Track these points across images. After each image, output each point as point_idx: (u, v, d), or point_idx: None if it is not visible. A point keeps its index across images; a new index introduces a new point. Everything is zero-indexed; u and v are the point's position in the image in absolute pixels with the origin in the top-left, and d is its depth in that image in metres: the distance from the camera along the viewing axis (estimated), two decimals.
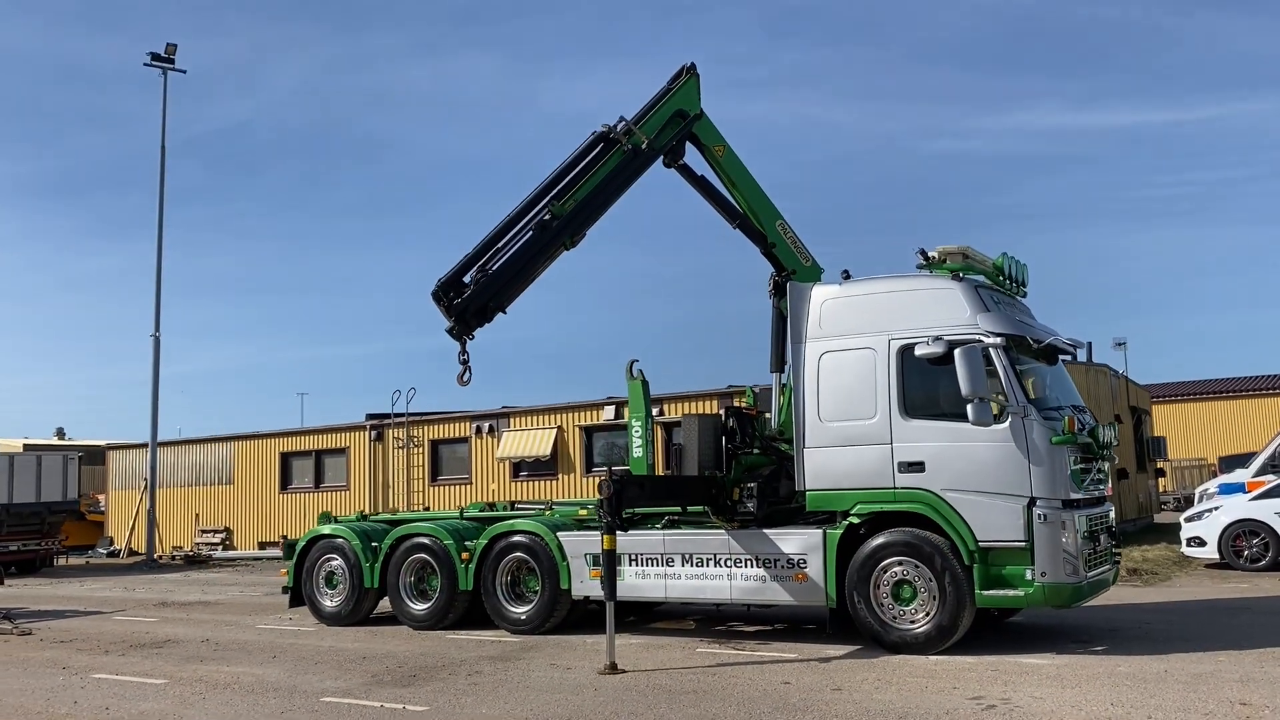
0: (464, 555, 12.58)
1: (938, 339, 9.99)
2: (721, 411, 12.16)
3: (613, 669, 9.52)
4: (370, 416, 29.81)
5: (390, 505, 27.51)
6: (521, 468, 26.86)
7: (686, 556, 11.22)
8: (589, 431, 26.01)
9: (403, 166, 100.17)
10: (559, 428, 26.27)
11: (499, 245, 12.68)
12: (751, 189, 12.96)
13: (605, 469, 10.31)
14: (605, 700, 8.35)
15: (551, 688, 8.99)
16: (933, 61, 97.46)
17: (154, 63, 29.66)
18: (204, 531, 32.29)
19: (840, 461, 10.46)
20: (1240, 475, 19.67)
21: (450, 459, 28.16)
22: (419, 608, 12.92)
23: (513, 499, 18.09)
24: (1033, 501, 9.60)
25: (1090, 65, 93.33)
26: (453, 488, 27.66)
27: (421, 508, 25.66)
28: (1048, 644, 10.22)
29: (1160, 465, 29.72)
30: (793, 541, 10.63)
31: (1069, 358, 11.57)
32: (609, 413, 25.54)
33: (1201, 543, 17.02)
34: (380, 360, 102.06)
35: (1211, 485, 20.32)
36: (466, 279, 12.68)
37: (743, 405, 12.47)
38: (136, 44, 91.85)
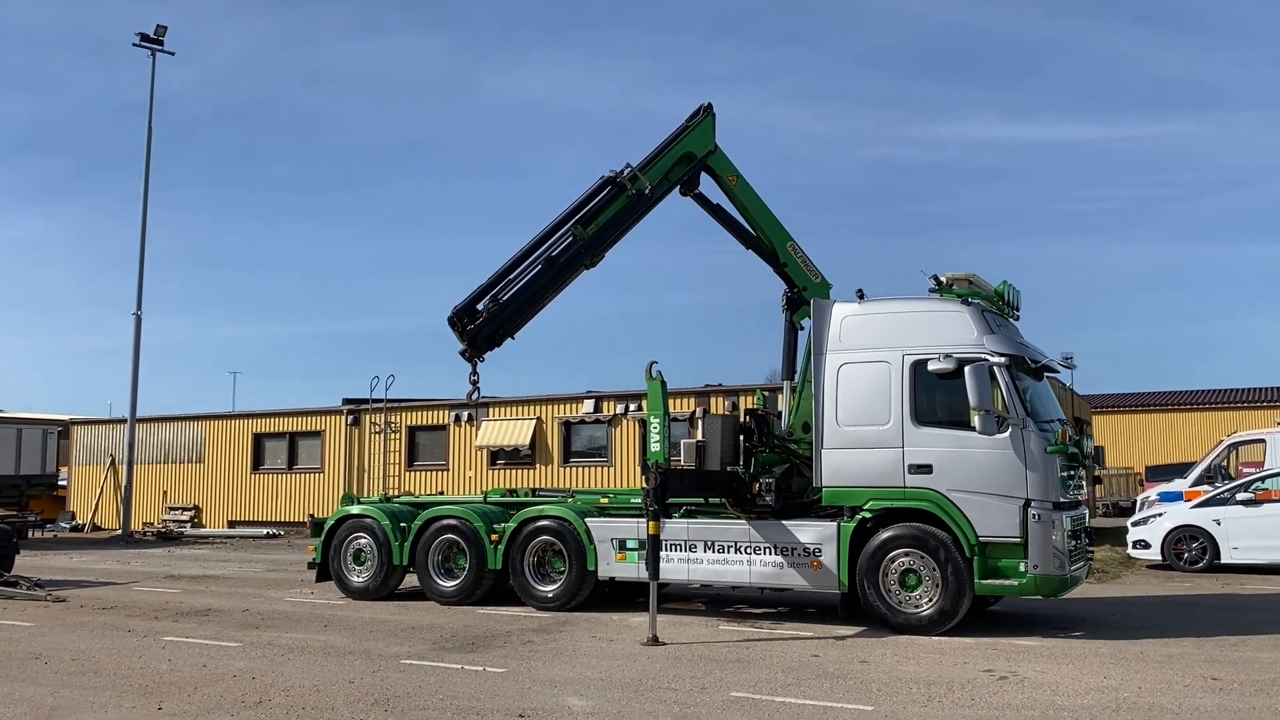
0: (493, 537, 13.57)
1: (948, 356, 11.26)
2: (741, 412, 13.33)
3: (655, 641, 10.64)
4: (347, 401, 30.49)
5: (367, 490, 28.22)
6: (499, 456, 27.79)
7: (709, 543, 12.38)
8: (567, 424, 27.02)
9: (341, 144, 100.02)
10: (538, 419, 27.24)
11: (511, 277, 13.97)
12: (764, 214, 14.15)
13: (653, 463, 11.36)
14: (663, 666, 9.45)
15: (606, 655, 10.07)
16: (871, 68, 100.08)
17: (143, 44, 29.91)
18: (173, 509, 32.67)
19: (855, 462, 11.68)
20: (1179, 485, 21.39)
21: (428, 446, 28.97)
22: (448, 585, 13.88)
23: (533, 487, 18.99)
24: (1028, 503, 10.92)
25: (1024, 80, 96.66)
26: (430, 474, 28.49)
27: (406, 492, 26.42)
28: (1032, 629, 11.56)
29: (1098, 474, 31.63)
30: (809, 532, 11.84)
31: (1056, 374, 12.92)
32: (588, 406, 26.60)
33: (1146, 545, 18.64)
34: (320, 341, 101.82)
35: (1152, 494, 22.04)
36: (480, 307, 13.94)
37: (753, 407, 13.66)
38: (64, 6, 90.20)
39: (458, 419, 28.20)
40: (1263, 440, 21.34)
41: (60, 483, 35.78)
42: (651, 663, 9.67)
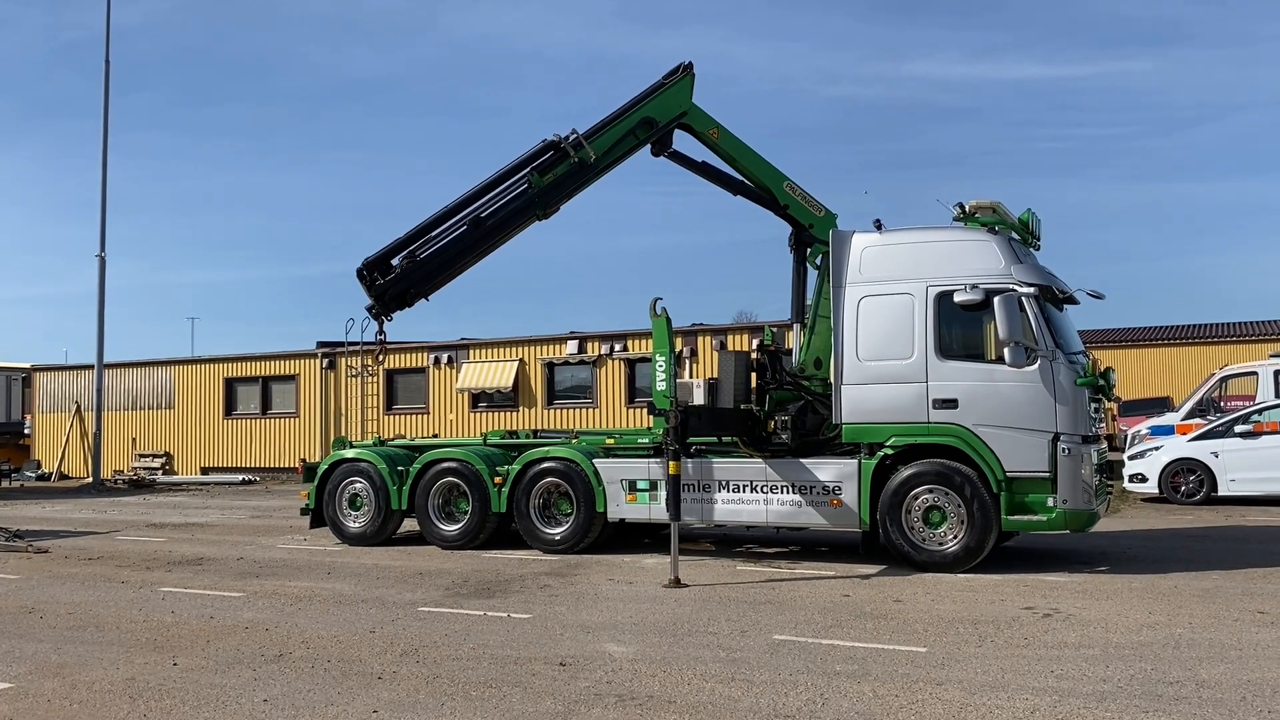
0: (496, 479, 13.14)
1: (975, 287, 10.89)
2: (753, 350, 12.92)
3: (676, 583, 10.30)
4: (321, 344, 29.77)
5: (346, 433, 27.60)
6: (481, 399, 27.28)
7: (724, 483, 12.02)
8: (550, 365, 26.53)
9: (294, 84, 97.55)
10: (520, 360, 26.73)
11: (432, 234, 13.16)
12: (753, 160, 13.34)
13: (673, 401, 10.91)
14: (694, 609, 9.12)
15: (630, 599, 9.72)
16: (833, 9, 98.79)
17: None
18: (142, 456, 31.92)
19: (877, 397, 11.33)
20: (1171, 418, 21.35)
21: (407, 389, 28.40)
22: (450, 529, 13.47)
23: (534, 428, 18.58)
24: (1057, 436, 10.64)
25: (985, 17, 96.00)
26: (409, 417, 27.96)
27: (398, 435, 25.89)
28: (1055, 565, 11.36)
29: None
30: (829, 470, 11.51)
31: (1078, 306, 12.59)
32: (571, 347, 26.11)
33: (1143, 479, 18.61)
34: (278, 285, 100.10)
35: (1143, 428, 21.96)
36: (394, 262, 13.15)
37: (765, 342, 13.23)
38: None
39: (437, 361, 27.56)
40: (1254, 373, 21.30)
41: (25, 431, 34.91)
42: (680, 606, 9.33)
